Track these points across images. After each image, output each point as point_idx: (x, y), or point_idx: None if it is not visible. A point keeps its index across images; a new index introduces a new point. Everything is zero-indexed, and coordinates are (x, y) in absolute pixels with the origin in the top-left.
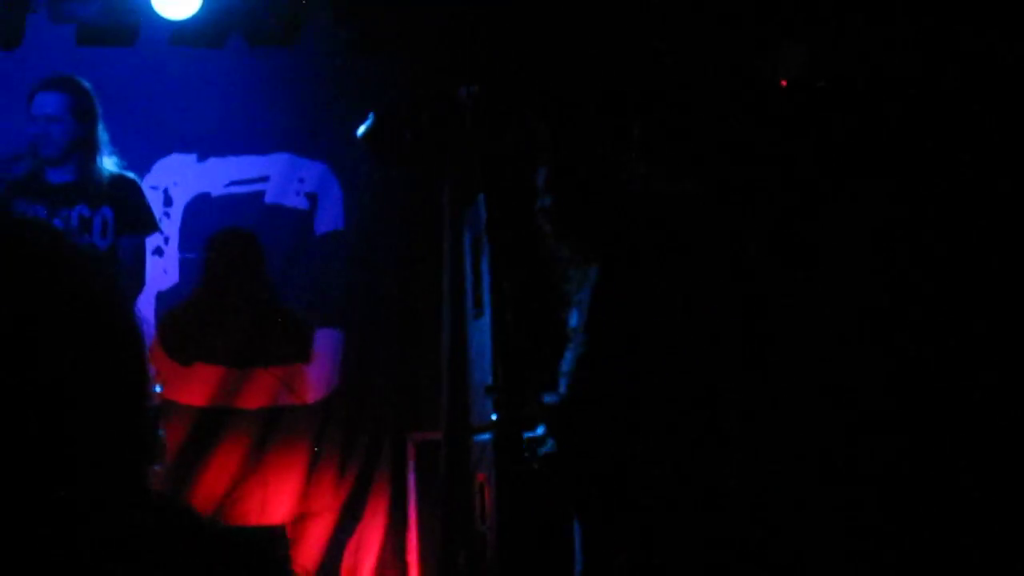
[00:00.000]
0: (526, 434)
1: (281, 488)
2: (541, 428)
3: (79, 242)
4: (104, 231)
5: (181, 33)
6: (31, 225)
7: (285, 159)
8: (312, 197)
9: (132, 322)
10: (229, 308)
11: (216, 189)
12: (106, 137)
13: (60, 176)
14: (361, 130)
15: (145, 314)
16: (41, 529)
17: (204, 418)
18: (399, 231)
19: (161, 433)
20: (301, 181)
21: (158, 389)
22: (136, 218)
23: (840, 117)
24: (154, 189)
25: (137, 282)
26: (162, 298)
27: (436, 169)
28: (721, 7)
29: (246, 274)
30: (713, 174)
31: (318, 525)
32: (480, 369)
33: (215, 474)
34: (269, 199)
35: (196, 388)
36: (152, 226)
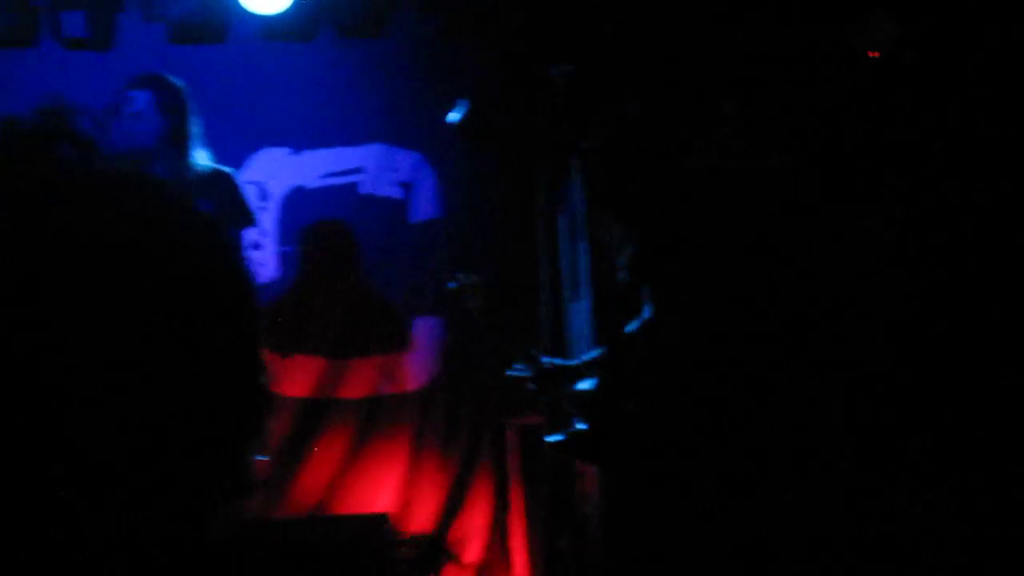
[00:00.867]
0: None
1: (384, 476)
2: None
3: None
4: None
5: (272, 28)
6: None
7: (379, 149)
8: (406, 186)
9: (253, 300)
10: (327, 300)
11: (311, 182)
12: (199, 132)
13: (151, 172)
14: (453, 117)
15: None
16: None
17: (306, 409)
18: (494, 217)
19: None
20: (395, 171)
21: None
22: (233, 212)
23: (931, 94)
24: (250, 184)
25: None
26: (261, 291)
27: (529, 153)
28: None
29: (343, 265)
30: (804, 150)
31: (422, 511)
32: (579, 353)
33: (318, 464)
34: (364, 190)
35: (298, 380)
36: (249, 220)
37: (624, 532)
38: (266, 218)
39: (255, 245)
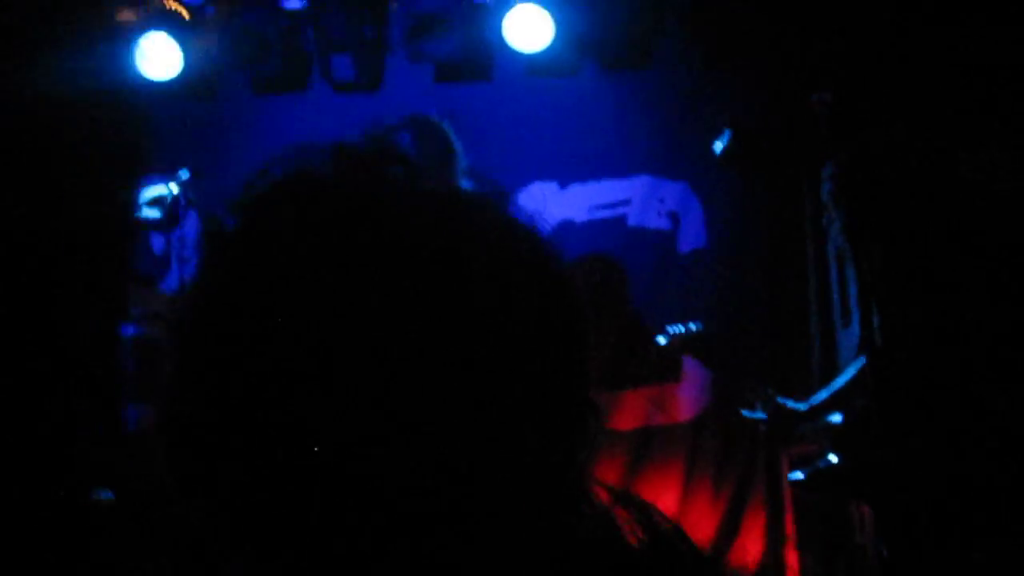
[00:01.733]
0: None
1: (657, 507)
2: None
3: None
4: None
5: (536, 64)
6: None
7: (646, 180)
8: (674, 216)
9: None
10: (599, 332)
11: (579, 215)
12: (464, 170)
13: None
14: (718, 146)
15: None
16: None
17: None
18: (761, 244)
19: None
20: (662, 201)
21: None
22: None
23: None
24: None
25: None
26: None
27: (795, 179)
28: None
29: (612, 297)
30: None
31: (696, 542)
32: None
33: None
34: (632, 222)
35: None
36: None
37: (901, 561)
38: None
39: None
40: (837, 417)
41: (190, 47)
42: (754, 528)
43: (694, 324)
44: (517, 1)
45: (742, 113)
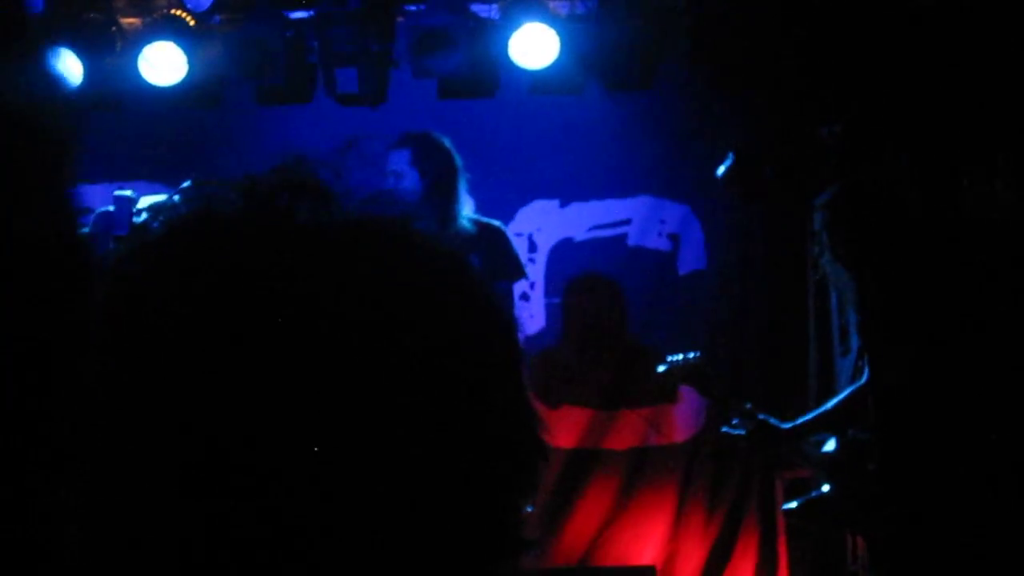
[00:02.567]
0: None
1: (650, 528)
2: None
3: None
4: None
5: (540, 82)
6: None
7: (647, 201)
8: (674, 238)
9: (514, 340)
10: (594, 351)
11: (579, 234)
12: (464, 187)
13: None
14: (721, 170)
15: None
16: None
17: (573, 460)
18: (762, 269)
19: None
20: (662, 222)
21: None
22: (503, 265)
23: None
24: (519, 235)
25: None
26: (529, 342)
27: (797, 207)
28: None
29: (610, 316)
30: None
31: (688, 564)
32: None
33: (585, 515)
34: (632, 242)
35: (564, 430)
36: (519, 272)
37: None
38: (534, 270)
39: (523, 296)
40: (831, 445)
41: (195, 55)
42: (747, 551)
43: (692, 354)
44: (524, 19)
45: (745, 137)
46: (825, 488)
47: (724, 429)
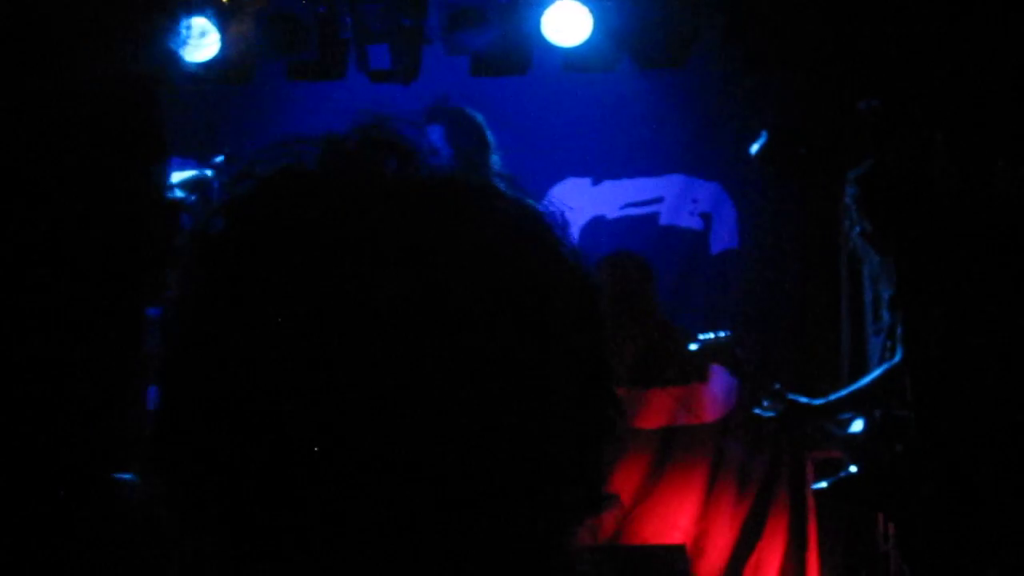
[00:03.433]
0: None
1: (680, 506)
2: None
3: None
4: None
5: (573, 59)
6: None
7: (679, 180)
8: (706, 217)
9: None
10: (625, 329)
11: (611, 212)
12: (495, 164)
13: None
14: (754, 148)
15: None
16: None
17: None
18: (794, 248)
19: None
20: (695, 201)
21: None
22: None
23: None
24: None
25: None
26: None
27: (831, 185)
28: None
29: (641, 295)
30: None
31: (718, 543)
32: None
33: (615, 493)
34: (664, 220)
35: None
36: None
37: (924, 570)
38: None
39: None
40: (858, 426)
41: (228, 31)
42: (777, 531)
43: (723, 332)
44: None
45: (779, 115)
46: (854, 468)
47: (755, 411)
